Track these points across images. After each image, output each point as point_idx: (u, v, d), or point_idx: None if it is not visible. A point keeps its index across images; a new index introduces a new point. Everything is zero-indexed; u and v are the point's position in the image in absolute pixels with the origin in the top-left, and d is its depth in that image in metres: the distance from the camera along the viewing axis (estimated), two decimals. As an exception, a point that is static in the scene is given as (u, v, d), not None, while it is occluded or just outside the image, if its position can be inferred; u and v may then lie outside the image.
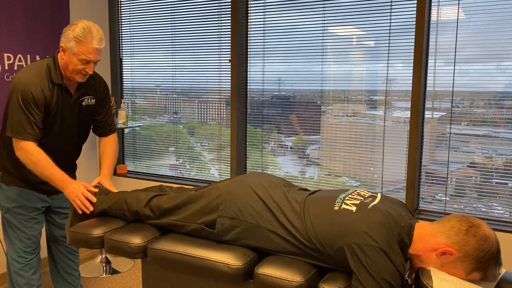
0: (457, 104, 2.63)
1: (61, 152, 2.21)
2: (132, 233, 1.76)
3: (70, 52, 1.98)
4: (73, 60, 1.99)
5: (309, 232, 1.48)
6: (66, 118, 2.15)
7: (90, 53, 1.98)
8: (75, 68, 2.01)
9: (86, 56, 1.97)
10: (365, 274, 1.34)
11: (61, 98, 2.10)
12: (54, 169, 2.01)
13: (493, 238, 1.39)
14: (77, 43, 1.95)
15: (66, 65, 2.03)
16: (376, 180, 2.91)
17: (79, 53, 1.96)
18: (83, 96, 2.18)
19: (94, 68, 2.05)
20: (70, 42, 1.96)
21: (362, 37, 2.83)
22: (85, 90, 2.19)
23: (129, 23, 3.68)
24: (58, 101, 2.08)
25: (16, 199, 2.21)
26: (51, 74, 2.05)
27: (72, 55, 1.98)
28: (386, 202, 1.53)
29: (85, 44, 1.96)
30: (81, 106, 2.18)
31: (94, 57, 1.99)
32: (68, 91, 2.11)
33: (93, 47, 1.97)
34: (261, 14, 3.13)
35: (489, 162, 2.58)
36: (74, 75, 2.04)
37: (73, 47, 1.96)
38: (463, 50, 2.56)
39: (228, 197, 1.65)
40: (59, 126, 2.13)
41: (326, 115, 3.04)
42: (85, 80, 2.11)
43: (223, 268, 1.54)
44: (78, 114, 2.19)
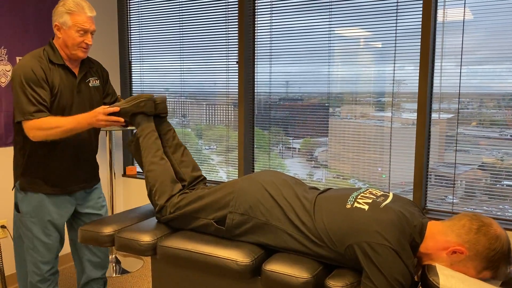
0: (466, 105, 2.63)
1: (78, 142, 2.15)
2: (142, 231, 1.79)
3: (65, 27, 1.99)
4: (71, 34, 2.00)
5: (320, 229, 1.50)
6: (76, 102, 2.11)
7: (85, 22, 2.00)
8: (74, 42, 2.01)
9: (83, 25, 1.99)
10: (376, 273, 1.35)
11: (66, 80, 2.07)
12: (69, 118, 1.95)
13: (504, 237, 1.39)
14: (71, 15, 1.98)
15: (65, 43, 2.02)
16: (385, 182, 2.91)
17: (75, 24, 1.98)
18: (87, 77, 2.16)
19: (92, 39, 2.05)
20: (64, 16, 1.98)
21: (368, 39, 2.84)
22: (88, 70, 2.17)
23: (138, 28, 3.74)
24: (62, 83, 2.05)
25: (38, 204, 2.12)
26: (50, 56, 2.03)
27: (68, 29, 1.99)
28: (398, 202, 1.54)
29: (78, 14, 1.98)
30: (88, 88, 2.16)
31: (89, 26, 2.02)
32: (72, 72, 2.09)
33: (87, 15, 2.00)
34: (267, 16, 3.17)
35: (499, 163, 2.57)
36: (75, 50, 2.03)
37: (67, 21, 1.98)
38: (470, 51, 2.57)
39: (239, 194, 1.67)
40: (69, 111, 2.08)
41: (334, 117, 3.05)
42: (86, 55, 2.10)
43: (231, 265, 1.56)
44: (88, 96, 2.16)
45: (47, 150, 2.08)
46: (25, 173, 2.11)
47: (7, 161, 3.02)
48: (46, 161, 2.10)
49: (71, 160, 2.15)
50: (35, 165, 2.10)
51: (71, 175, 2.17)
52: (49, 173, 2.11)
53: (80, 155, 2.18)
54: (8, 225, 3.03)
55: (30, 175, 2.10)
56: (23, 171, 2.11)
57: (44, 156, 2.09)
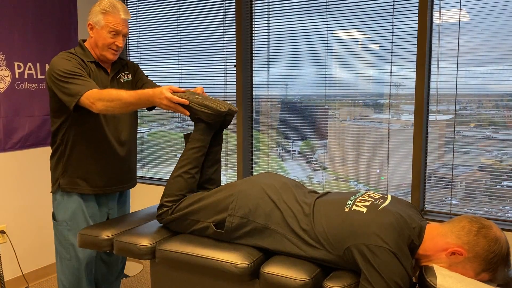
0: (465, 106, 2.63)
1: (118, 140, 2.14)
2: (141, 235, 1.79)
3: (98, 27, 1.99)
4: (103, 34, 1.99)
5: (318, 233, 1.50)
6: None
7: (118, 24, 1.99)
8: (105, 42, 2.00)
9: (115, 27, 1.98)
10: (375, 275, 1.35)
11: (98, 77, 2.05)
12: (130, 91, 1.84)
13: (503, 240, 1.39)
14: (105, 15, 1.97)
15: (96, 43, 2.02)
16: (385, 184, 2.92)
17: (108, 24, 1.98)
18: (119, 73, 2.15)
19: (124, 42, 2.04)
20: (98, 16, 1.98)
21: (365, 41, 2.85)
22: (120, 67, 2.16)
23: (136, 31, 3.75)
24: (95, 77, 2.03)
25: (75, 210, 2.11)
26: (80, 54, 2.03)
27: (101, 29, 1.99)
28: (396, 204, 1.54)
29: (112, 14, 1.98)
30: (121, 84, 2.14)
31: (122, 28, 2.01)
32: (104, 68, 2.09)
33: (121, 17, 2.00)
34: (265, 20, 3.18)
35: (498, 164, 2.57)
36: (105, 51, 2.03)
37: (100, 20, 1.98)
38: (467, 52, 2.57)
39: (239, 197, 1.67)
40: None
41: (333, 119, 3.06)
42: (116, 58, 2.09)
43: (229, 267, 1.56)
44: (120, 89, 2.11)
45: (86, 148, 2.07)
46: (64, 173, 2.09)
47: (6, 167, 3.03)
48: (85, 159, 2.08)
49: (110, 158, 2.13)
50: (74, 165, 2.08)
51: (110, 174, 2.15)
52: (88, 172, 2.09)
53: (119, 154, 2.16)
54: (7, 230, 3.04)
55: (70, 175, 2.08)
56: (63, 171, 2.09)
57: (84, 155, 2.07)
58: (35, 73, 3.13)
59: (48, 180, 3.29)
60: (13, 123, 3.02)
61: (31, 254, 3.21)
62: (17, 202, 3.10)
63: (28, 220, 3.18)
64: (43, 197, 3.27)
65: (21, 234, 3.13)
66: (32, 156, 3.18)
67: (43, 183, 3.26)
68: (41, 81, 3.18)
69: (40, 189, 3.24)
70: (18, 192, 3.10)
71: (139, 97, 1.81)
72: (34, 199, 3.21)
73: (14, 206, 3.08)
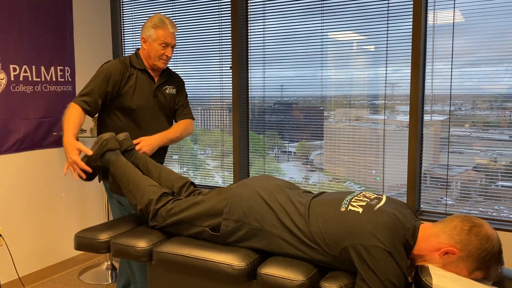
0: (460, 107, 2.65)
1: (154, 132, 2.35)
2: (138, 237, 1.79)
3: (150, 40, 2.30)
4: (154, 46, 2.29)
5: (315, 233, 1.50)
6: (149, 105, 2.34)
7: (167, 37, 2.29)
8: (156, 54, 2.29)
9: (165, 40, 2.28)
10: (371, 275, 1.36)
11: (143, 83, 2.33)
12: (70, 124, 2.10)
13: (495, 237, 1.40)
14: (156, 29, 2.28)
15: (149, 54, 2.32)
16: (381, 185, 2.93)
17: (158, 37, 2.28)
18: (165, 84, 2.43)
19: (172, 53, 2.34)
20: (150, 30, 2.29)
21: (361, 43, 2.87)
22: (167, 79, 2.44)
23: (132, 33, 3.75)
24: (138, 85, 2.32)
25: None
26: (132, 61, 2.34)
27: (153, 42, 2.29)
28: (391, 204, 1.55)
29: (162, 29, 2.28)
30: (164, 94, 2.41)
31: (171, 40, 2.31)
32: (151, 76, 2.37)
33: (170, 31, 2.30)
34: (260, 21, 3.19)
35: (493, 164, 2.59)
36: (156, 61, 2.31)
37: (152, 34, 2.28)
38: (461, 53, 2.59)
39: (233, 200, 1.68)
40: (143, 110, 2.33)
41: (328, 120, 3.07)
42: (165, 66, 2.38)
43: (226, 269, 1.57)
44: (162, 101, 2.40)
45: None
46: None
47: (2, 170, 3.02)
48: None
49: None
50: None
51: None
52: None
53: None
54: (4, 233, 3.03)
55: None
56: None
57: None
58: (30, 75, 3.13)
59: (43, 183, 3.29)
60: (8, 126, 3.01)
61: (27, 257, 3.20)
62: (13, 205, 3.09)
63: (24, 223, 3.17)
64: (39, 200, 3.26)
65: (17, 237, 3.12)
66: (28, 159, 3.17)
67: (39, 186, 3.25)
68: (36, 84, 3.17)
69: (36, 191, 3.23)
70: (14, 195, 3.09)
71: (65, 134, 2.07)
72: (30, 202, 3.20)
73: (10, 209, 3.07)
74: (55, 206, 3.38)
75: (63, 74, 3.36)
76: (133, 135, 2.27)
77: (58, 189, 3.40)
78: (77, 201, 3.56)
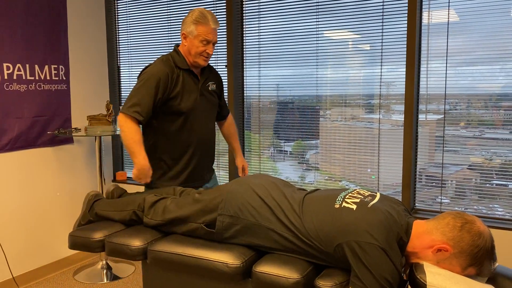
0: (455, 106, 2.66)
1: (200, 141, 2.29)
2: (132, 236, 1.78)
3: (191, 36, 2.17)
4: (195, 43, 2.16)
5: (309, 229, 1.50)
6: (198, 105, 2.26)
7: (209, 33, 2.16)
8: (197, 51, 2.17)
9: (206, 36, 2.15)
10: (365, 272, 1.36)
11: (189, 83, 2.23)
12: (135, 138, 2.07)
13: (487, 234, 1.41)
14: (197, 25, 2.15)
15: (189, 50, 2.19)
16: (376, 184, 2.93)
17: (199, 34, 2.15)
18: (208, 81, 2.33)
19: (213, 49, 2.22)
20: (191, 26, 2.16)
21: (356, 42, 2.87)
22: (208, 75, 2.34)
23: (126, 33, 3.73)
24: (185, 86, 2.21)
25: None
26: (176, 60, 2.21)
27: (194, 38, 2.16)
28: (385, 201, 1.55)
29: (204, 25, 2.15)
30: (208, 91, 2.32)
31: (212, 37, 2.18)
32: (195, 75, 2.26)
33: (211, 27, 2.16)
34: (255, 20, 3.18)
35: (488, 163, 2.60)
36: (197, 58, 2.20)
37: (193, 30, 2.15)
38: (456, 52, 2.60)
39: (228, 196, 1.68)
40: (194, 112, 2.24)
41: (324, 120, 3.07)
42: (206, 64, 2.26)
43: (222, 267, 1.56)
44: (209, 98, 2.32)
45: (171, 144, 2.22)
46: (154, 169, 2.22)
47: (-5, 168, 3.00)
48: (169, 155, 2.24)
49: (194, 154, 2.27)
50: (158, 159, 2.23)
51: (193, 169, 2.28)
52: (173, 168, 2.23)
53: (203, 148, 2.31)
54: (-3, 233, 3.01)
55: (157, 171, 2.23)
56: (153, 168, 2.21)
57: (167, 151, 2.23)
58: (24, 74, 3.11)
59: (37, 182, 3.27)
60: (1, 125, 2.99)
61: (21, 257, 3.18)
62: (6, 205, 3.07)
63: (18, 223, 3.15)
64: (33, 199, 3.24)
65: (11, 236, 3.10)
66: (22, 158, 3.15)
67: (33, 185, 3.23)
68: (30, 82, 3.15)
69: (30, 191, 3.21)
70: (7, 195, 3.07)
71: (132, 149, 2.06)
72: (24, 201, 3.18)
73: (3, 208, 3.05)
74: (49, 206, 3.36)
75: (57, 72, 3.34)
76: (186, 138, 2.23)
77: (52, 188, 3.38)
78: (71, 200, 3.54)
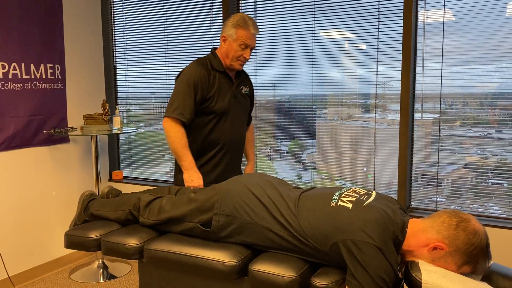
0: (450, 105, 2.67)
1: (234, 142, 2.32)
2: (128, 235, 1.78)
3: (231, 39, 2.20)
4: (234, 46, 2.20)
5: (304, 228, 1.51)
6: (232, 107, 2.28)
7: (248, 38, 2.20)
8: (235, 54, 2.21)
9: (245, 41, 2.19)
10: (361, 270, 1.37)
11: (224, 86, 2.26)
12: (182, 143, 2.15)
13: (482, 232, 1.41)
14: (237, 29, 2.18)
15: (227, 53, 2.23)
16: (372, 183, 2.94)
17: (239, 38, 2.19)
18: (241, 84, 2.36)
19: (250, 54, 2.26)
20: (231, 30, 2.19)
21: (352, 41, 2.87)
22: (242, 79, 2.38)
23: (122, 32, 3.73)
24: (220, 88, 2.24)
25: None
26: (212, 62, 2.25)
27: (233, 41, 2.20)
28: (380, 200, 1.56)
29: (244, 29, 2.18)
30: (242, 94, 2.36)
31: (251, 42, 2.21)
32: (230, 78, 2.30)
33: (251, 32, 2.20)
34: (253, 20, 3.18)
35: (484, 162, 2.61)
36: (234, 62, 2.24)
37: (233, 34, 2.19)
38: (452, 52, 2.61)
39: (224, 195, 1.67)
40: (227, 113, 2.27)
41: (321, 119, 3.07)
42: (242, 68, 2.31)
43: (218, 266, 1.56)
44: (242, 101, 2.35)
45: (202, 143, 2.26)
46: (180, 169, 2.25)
47: (-9, 168, 2.99)
48: (200, 154, 2.27)
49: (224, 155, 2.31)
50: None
51: (223, 170, 2.32)
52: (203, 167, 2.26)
53: (233, 150, 2.34)
54: (-7, 232, 3.00)
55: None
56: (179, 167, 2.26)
57: (199, 150, 2.27)
58: (20, 73, 3.09)
59: (33, 181, 3.26)
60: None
61: (17, 256, 3.17)
62: (2, 204, 3.06)
63: (14, 222, 3.14)
64: (29, 199, 3.23)
65: (6, 236, 3.09)
66: (17, 157, 3.14)
67: (29, 184, 3.22)
68: (26, 81, 3.14)
69: (26, 190, 3.20)
70: (3, 194, 3.06)
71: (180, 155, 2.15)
72: (20, 201, 3.17)
73: (-1, 208, 3.05)
74: (45, 205, 3.35)
75: (53, 71, 3.33)
76: (218, 138, 2.26)
77: (48, 188, 3.37)
78: (67, 200, 3.53)
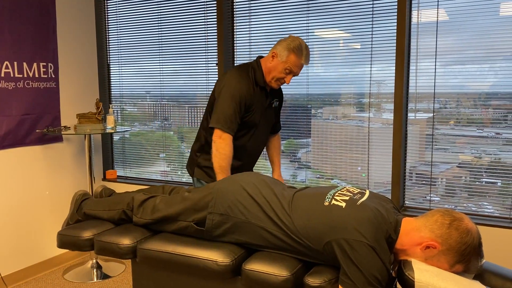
0: (444, 105, 2.68)
1: (254, 151, 2.37)
2: (121, 234, 1.77)
3: (280, 59, 2.17)
4: (279, 67, 2.18)
5: (298, 227, 1.51)
6: (262, 119, 2.31)
7: (296, 66, 2.18)
8: (277, 75, 2.20)
9: (292, 68, 2.17)
10: (354, 269, 1.37)
11: (260, 99, 2.27)
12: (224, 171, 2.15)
13: (475, 231, 1.42)
14: (290, 53, 2.15)
15: (270, 71, 2.21)
16: (366, 182, 2.95)
17: (288, 62, 2.16)
18: (273, 98, 2.37)
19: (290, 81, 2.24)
20: (284, 51, 2.16)
21: (346, 40, 2.88)
22: (275, 93, 2.39)
23: (116, 30, 3.71)
24: (258, 102, 2.25)
25: None
26: (256, 76, 2.24)
27: (281, 62, 2.17)
28: (374, 199, 1.56)
29: (297, 56, 2.16)
30: (272, 108, 2.37)
31: (297, 71, 2.20)
32: (267, 94, 2.30)
33: (301, 62, 2.19)
34: (246, 19, 3.18)
35: (478, 161, 2.62)
36: (273, 81, 2.23)
37: (284, 56, 2.16)
38: (445, 52, 2.62)
39: (218, 194, 1.67)
40: (257, 126, 2.29)
41: (316, 118, 3.08)
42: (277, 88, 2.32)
43: (211, 265, 1.56)
44: (270, 114, 2.37)
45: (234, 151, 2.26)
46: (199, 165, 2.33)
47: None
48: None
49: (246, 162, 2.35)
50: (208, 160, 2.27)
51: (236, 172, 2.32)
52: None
53: (253, 157, 2.39)
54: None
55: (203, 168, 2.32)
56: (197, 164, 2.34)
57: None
58: (12, 72, 3.07)
59: (26, 181, 3.24)
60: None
61: (10, 256, 3.15)
62: (-5, 204, 3.04)
63: (7, 222, 3.12)
64: (22, 198, 3.21)
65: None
66: (10, 157, 3.12)
67: (22, 184, 3.20)
68: (18, 80, 3.12)
69: (18, 189, 3.18)
70: (-4, 193, 3.04)
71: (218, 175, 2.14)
72: (12, 200, 3.15)
73: (-9, 207, 3.02)
74: (38, 204, 3.33)
75: (46, 70, 3.31)
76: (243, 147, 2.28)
77: (41, 187, 3.35)
78: (60, 199, 3.51)
